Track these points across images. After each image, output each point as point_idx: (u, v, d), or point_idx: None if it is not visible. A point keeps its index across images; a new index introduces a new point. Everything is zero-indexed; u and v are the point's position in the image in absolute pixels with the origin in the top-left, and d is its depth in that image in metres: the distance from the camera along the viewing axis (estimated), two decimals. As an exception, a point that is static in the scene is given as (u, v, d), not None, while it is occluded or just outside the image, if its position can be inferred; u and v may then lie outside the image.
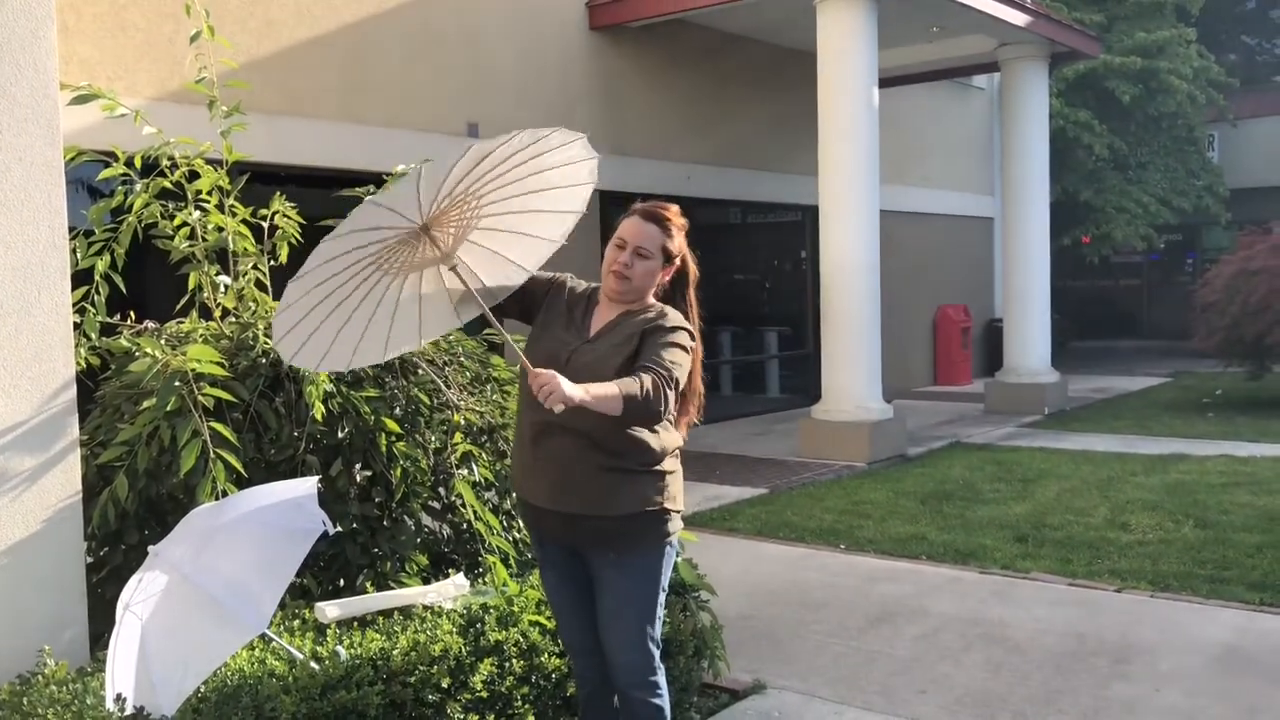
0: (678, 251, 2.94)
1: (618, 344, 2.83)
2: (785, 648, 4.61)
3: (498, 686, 3.07)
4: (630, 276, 2.87)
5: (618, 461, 2.74)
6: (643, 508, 2.76)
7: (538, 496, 2.83)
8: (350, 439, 3.55)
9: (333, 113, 8.11)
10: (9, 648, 2.87)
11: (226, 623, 2.58)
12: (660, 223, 2.90)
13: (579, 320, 2.95)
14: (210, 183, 3.80)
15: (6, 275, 2.94)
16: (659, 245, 2.89)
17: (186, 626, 2.54)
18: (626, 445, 2.75)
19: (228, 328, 3.79)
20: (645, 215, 2.91)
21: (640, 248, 2.88)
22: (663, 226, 2.90)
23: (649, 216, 2.91)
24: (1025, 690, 4.10)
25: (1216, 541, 6.16)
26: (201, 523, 2.65)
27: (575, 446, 2.74)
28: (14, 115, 2.95)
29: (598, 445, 2.72)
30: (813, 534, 6.60)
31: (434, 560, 3.74)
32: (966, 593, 5.35)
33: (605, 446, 2.73)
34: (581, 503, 2.75)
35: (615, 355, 2.80)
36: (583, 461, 2.73)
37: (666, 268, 2.94)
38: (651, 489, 2.78)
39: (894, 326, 14.16)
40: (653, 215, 2.91)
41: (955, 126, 15.85)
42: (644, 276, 2.89)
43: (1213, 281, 11.94)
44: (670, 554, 2.88)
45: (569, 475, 2.75)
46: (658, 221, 2.90)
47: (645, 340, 2.81)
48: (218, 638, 2.58)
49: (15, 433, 2.96)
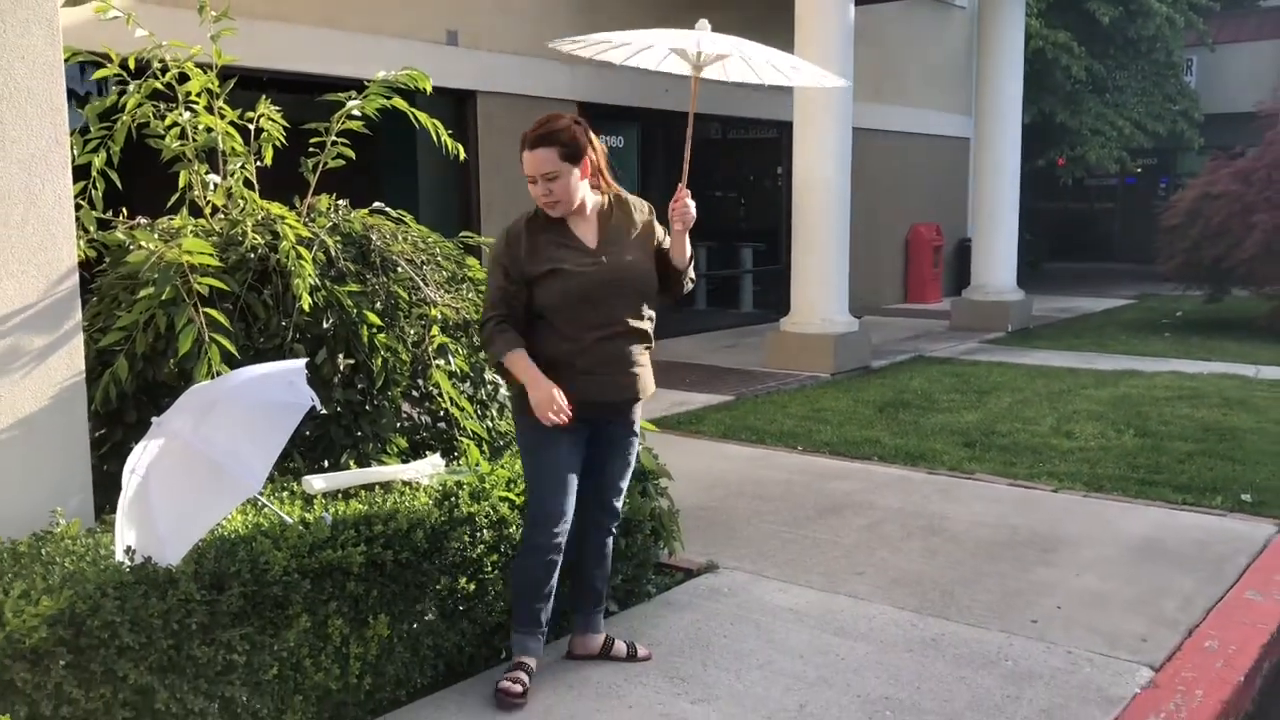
0: (581, 149, 3.20)
1: (638, 240, 3.34)
2: (739, 534, 4.96)
3: (469, 553, 3.39)
4: (558, 199, 3.21)
5: (648, 350, 3.36)
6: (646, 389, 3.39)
7: (603, 393, 3.28)
8: (334, 330, 3.81)
9: (315, 18, 8.19)
10: (24, 508, 3.16)
11: (224, 484, 2.86)
12: (547, 141, 3.16)
13: (570, 242, 3.28)
14: (200, 85, 3.99)
15: (13, 168, 3.15)
16: (557, 159, 3.16)
17: (188, 486, 2.82)
18: (650, 337, 3.36)
19: (217, 224, 4.01)
20: (533, 143, 3.18)
21: (544, 173, 3.17)
22: (550, 142, 3.16)
23: (536, 143, 3.17)
24: (956, 573, 4.46)
25: (1152, 449, 6.53)
26: (200, 397, 2.92)
27: (631, 342, 3.29)
28: (18, 16, 3.13)
29: (644, 338, 3.33)
30: (773, 436, 6.94)
31: (413, 445, 4.03)
32: (912, 490, 5.72)
33: (646, 339, 3.34)
34: (639, 388, 3.33)
35: (644, 252, 3.34)
36: (638, 354, 3.30)
37: (582, 164, 3.22)
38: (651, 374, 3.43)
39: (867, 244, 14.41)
40: (539, 139, 3.17)
41: (934, 45, 15.91)
42: (566, 191, 3.20)
43: (1176, 205, 12.22)
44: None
45: (629, 368, 3.29)
46: (544, 142, 3.16)
47: (656, 229, 3.40)
48: (217, 497, 2.86)
49: (24, 315, 3.20)
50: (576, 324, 3.23)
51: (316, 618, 2.97)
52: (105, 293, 3.89)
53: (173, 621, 2.66)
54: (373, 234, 4.10)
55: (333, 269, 3.90)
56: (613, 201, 3.39)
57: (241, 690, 2.80)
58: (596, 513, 3.48)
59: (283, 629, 2.89)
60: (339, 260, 3.92)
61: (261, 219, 3.90)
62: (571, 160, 3.18)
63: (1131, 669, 3.56)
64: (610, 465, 3.44)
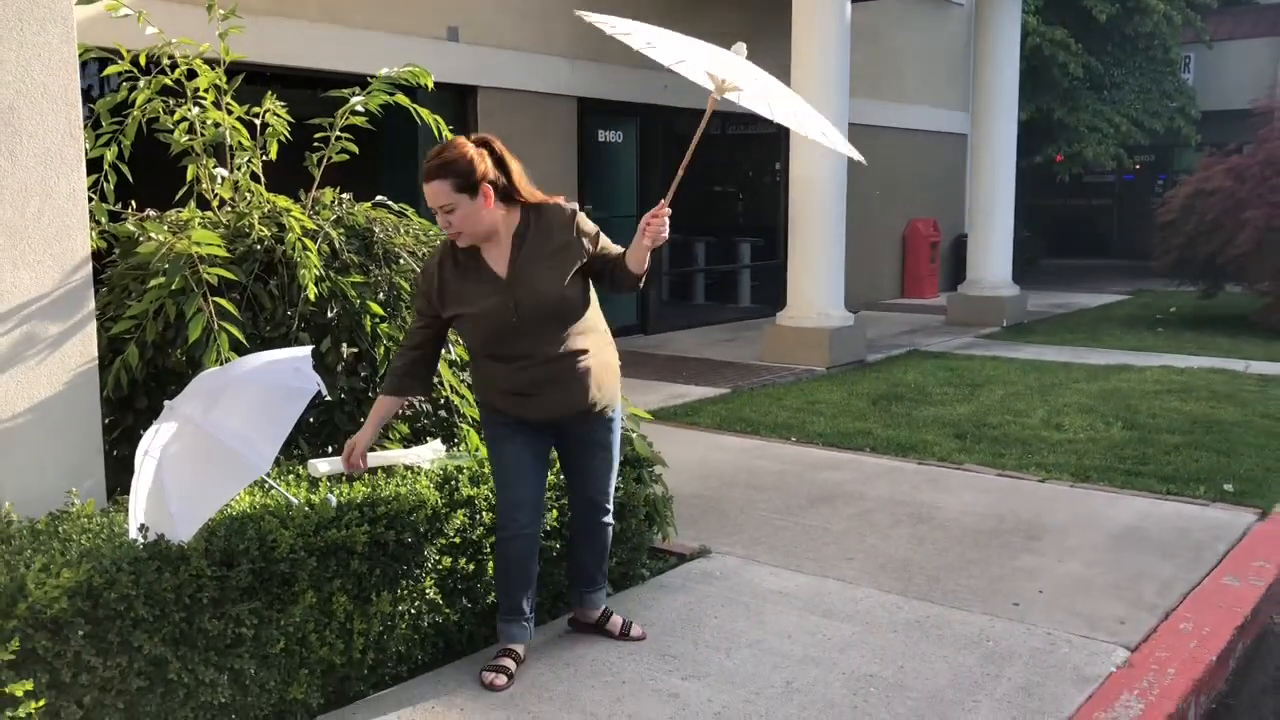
0: (479, 177, 3.10)
1: (551, 262, 3.20)
2: (732, 521, 5.08)
3: (469, 534, 3.51)
4: (459, 230, 3.15)
5: (589, 357, 3.30)
6: (608, 388, 3.39)
7: (542, 412, 3.31)
8: (338, 319, 3.93)
9: (315, 14, 8.31)
10: (41, 489, 3.28)
11: (234, 465, 2.98)
12: (440, 173, 3.08)
13: (480, 275, 3.21)
14: (208, 81, 4.11)
15: (30, 161, 3.27)
16: (451, 191, 3.09)
17: (199, 467, 2.94)
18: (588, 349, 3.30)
19: (224, 216, 4.13)
20: (426, 176, 3.10)
21: (440, 206, 3.11)
22: (443, 174, 3.08)
23: (429, 175, 3.10)
24: (942, 559, 4.59)
25: (1140, 441, 6.66)
26: (210, 382, 3.04)
27: (561, 365, 3.24)
28: (35, 15, 3.25)
29: (575, 356, 3.26)
30: (767, 428, 7.06)
31: (414, 431, 4.15)
32: (902, 480, 5.84)
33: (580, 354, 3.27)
34: (585, 401, 3.31)
35: (557, 272, 3.19)
36: (574, 371, 3.26)
37: (481, 188, 3.12)
38: (610, 373, 3.40)
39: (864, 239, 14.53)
40: (431, 172, 3.09)
41: (932, 42, 16.01)
42: (468, 221, 3.13)
43: (1170, 201, 12.33)
44: (620, 413, 3.52)
45: (567, 385, 3.26)
46: (437, 174, 3.08)
47: (584, 240, 3.25)
48: (226, 478, 2.98)
49: (40, 303, 3.32)
50: (496, 357, 3.27)
51: (322, 594, 3.10)
52: (116, 282, 4.01)
53: (185, 596, 2.78)
54: (375, 227, 4.22)
55: (337, 260, 4.02)
56: (530, 218, 3.25)
57: (250, 662, 2.93)
58: (585, 506, 3.58)
59: (289, 605, 3.02)
60: (343, 252, 4.04)
61: (268, 212, 4.02)
62: (468, 191, 3.09)
63: (1108, 649, 3.68)
64: (588, 463, 3.50)
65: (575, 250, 3.24)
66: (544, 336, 3.22)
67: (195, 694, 2.83)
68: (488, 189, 3.14)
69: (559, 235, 3.24)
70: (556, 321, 3.23)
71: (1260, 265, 11.23)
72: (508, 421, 3.37)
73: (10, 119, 3.21)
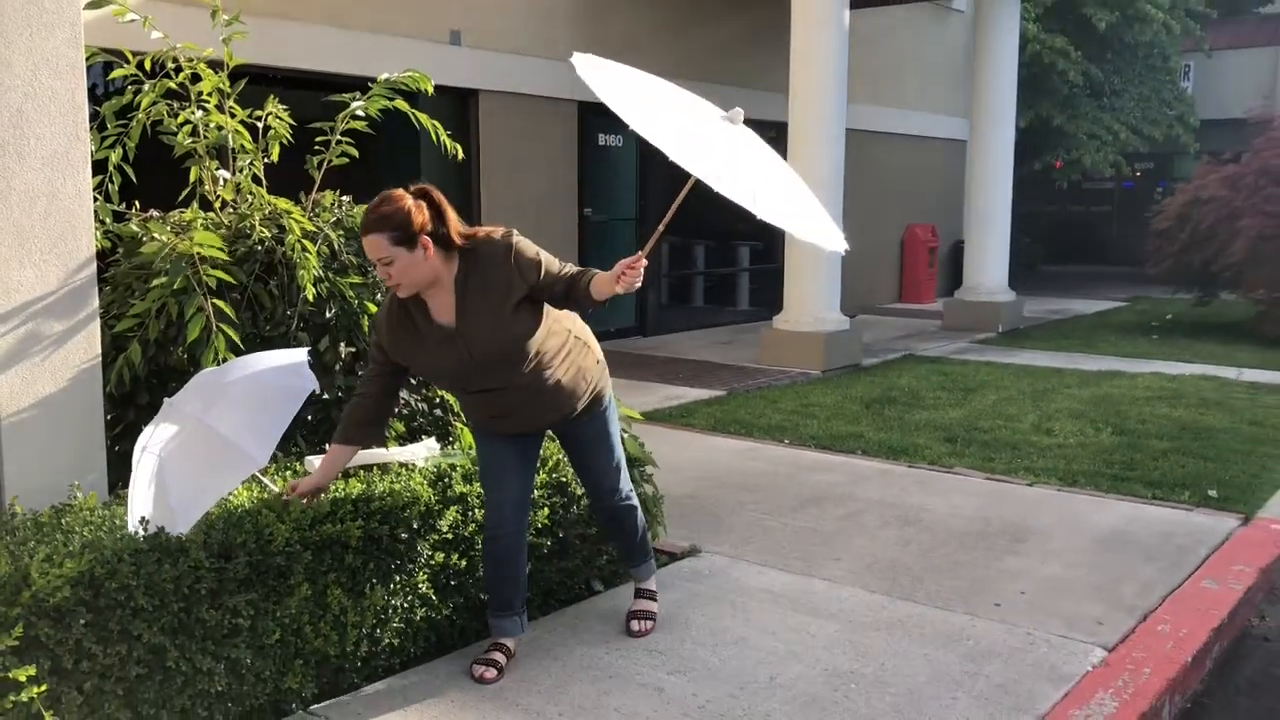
0: (416, 229, 3.05)
1: (494, 302, 3.14)
2: (723, 522, 5.17)
3: (461, 530, 3.60)
4: (398, 282, 3.10)
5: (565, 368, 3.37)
6: (588, 389, 3.47)
7: (523, 426, 3.43)
8: (337, 319, 4.02)
9: (319, 17, 8.40)
10: (45, 482, 3.37)
11: (233, 459, 3.07)
12: (376, 227, 3.04)
13: (426, 326, 3.20)
14: (211, 85, 4.20)
15: (37, 164, 3.36)
16: (388, 244, 3.04)
17: (199, 462, 3.03)
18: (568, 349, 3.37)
19: (226, 218, 4.22)
20: (364, 230, 3.08)
21: (379, 259, 3.07)
22: (379, 228, 3.04)
23: (367, 229, 3.06)
24: (927, 560, 4.67)
25: (1128, 446, 6.74)
26: (210, 379, 3.13)
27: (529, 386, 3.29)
28: (42, 20, 3.34)
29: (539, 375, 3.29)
30: (761, 430, 7.15)
31: (410, 430, 4.23)
32: (892, 482, 5.92)
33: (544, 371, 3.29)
34: (566, 408, 3.43)
35: (502, 311, 3.14)
36: (545, 387, 3.32)
37: (419, 240, 3.07)
38: (587, 373, 3.47)
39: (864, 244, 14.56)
40: (370, 226, 3.06)
41: (933, 48, 16.11)
42: (406, 272, 3.08)
43: (1166, 209, 12.43)
44: (613, 405, 3.64)
45: (540, 399, 3.35)
46: (373, 228, 3.05)
47: (523, 272, 3.14)
48: (225, 472, 3.07)
49: (45, 301, 3.41)
50: (465, 391, 3.35)
51: (316, 587, 3.18)
52: (120, 281, 4.10)
53: (184, 586, 2.87)
54: (374, 229, 4.30)
55: (335, 261, 4.11)
56: (469, 262, 3.19)
57: (246, 652, 3.01)
58: (595, 498, 3.76)
59: (285, 597, 3.10)
60: (341, 253, 4.13)
61: (269, 213, 4.10)
62: (405, 244, 3.05)
63: (1086, 649, 3.76)
64: (587, 459, 3.65)
65: (516, 284, 3.17)
66: (508, 368, 3.23)
67: (193, 682, 2.91)
68: (426, 240, 3.08)
69: (499, 272, 3.17)
70: (515, 354, 3.21)
71: (1254, 273, 11.32)
72: (485, 429, 3.49)
73: (18, 122, 3.30)
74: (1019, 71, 12.70)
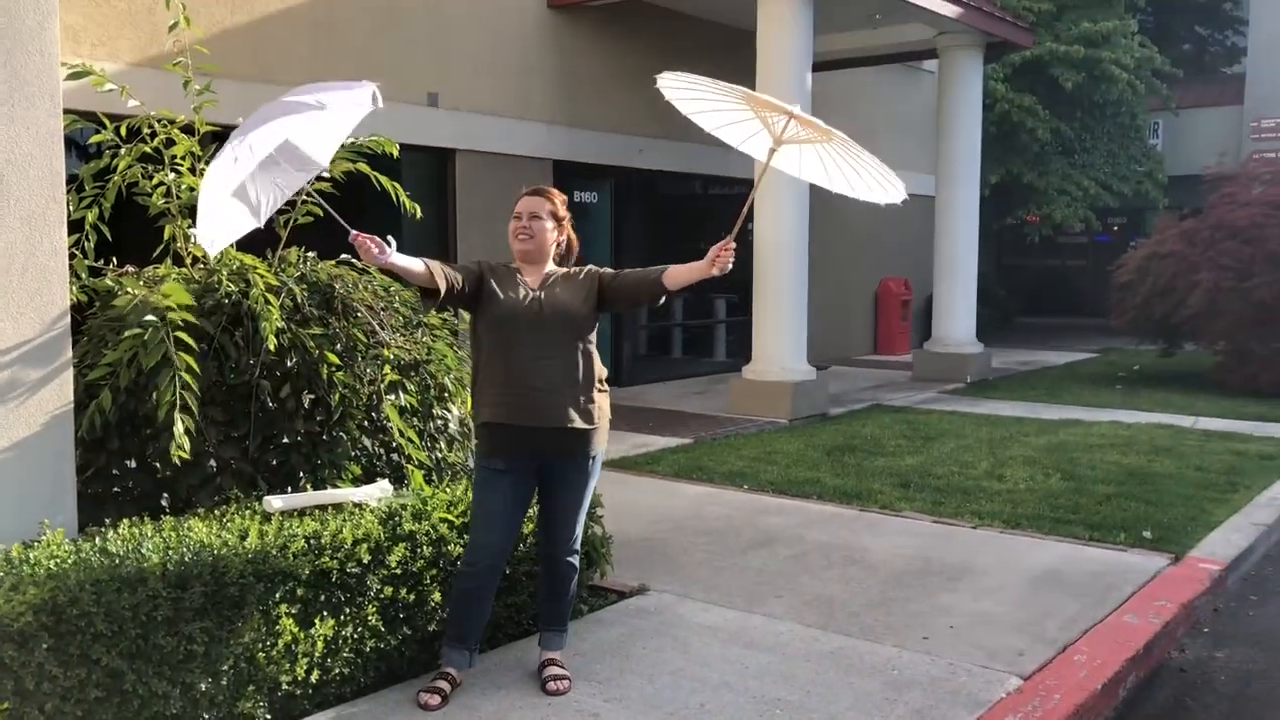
0: (562, 214, 3.90)
1: (574, 292, 3.78)
2: (674, 562, 5.38)
3: (410, 566, 3.82)
4: (532, 234, 3.81)
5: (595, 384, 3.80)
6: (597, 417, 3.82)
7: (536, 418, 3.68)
8: (298, 368, 4.26)
9: (300, 79, 8.73)
10: (16, 522, 3.58)
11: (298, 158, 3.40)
12: (544, 195, 3.89)
13: (516, 282, 3.81)
14: (184, 149, 4.48)
15: (15, 224, 3.62)
16: (547, 210, 3.85)
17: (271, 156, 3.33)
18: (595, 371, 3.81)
19: (196, 273, 4.48)
20: (531, 192, 3.90)
21: (533, 214, 3.84)
22: (545, 197, 3.88)
23: (534, 192, 3.90)
24: (865, 597, 4.89)
25: (1075, 491, 6.98)
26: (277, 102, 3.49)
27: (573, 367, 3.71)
28: (25, 93, 3.62)
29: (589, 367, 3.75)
30: (722, 476, 7.38)
31: (367, 473, 4.46)
32: (842, 525, 6.15)
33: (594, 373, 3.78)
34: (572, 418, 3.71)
35: (578, 300, 3.77)
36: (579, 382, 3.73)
37: (559, 228, 3.88)
38: (602, 405, 3.84)
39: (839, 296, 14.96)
40: (537, 190, 3.91)
41: (904, 108, 16.57)
42: (538, 236, 3.82)
43: (1127, 263, 12.78)
44: (600, 460, 3.94)
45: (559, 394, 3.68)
46: (541, 194, 3.89)
47: (599, 273, 3.87)
48: (294, 170, 3.41)
49: (20, 350, 3.65)
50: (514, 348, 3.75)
51: (269, 617, 3.39)
52: (94, 333, 4.34)
53: (141, 614, 3.08)
54: (337, 283, 4.57)
55: (298, 313, 4.36)
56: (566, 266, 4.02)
57: (201, 678, 3.22)
58: (549, 543, 3.90)
59: (238, 625, 3.32)
60: (304, 306, 4.38)
61: (236, 269, 4.36)
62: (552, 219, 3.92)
63: (1002, 678, 3.98)
64: (562, 499, 3.84)
65: (590, 278, 3.85)
66: (560, 336, 3.72)
67: (149, 705, 3.12)
68: (563, 228, 3.90)
69: (580, 273, 3.89)
70: (572, 327, 3.74)
71: (1212, 325, 11.64)
72: (498, 466, 3.70)
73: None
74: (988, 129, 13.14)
